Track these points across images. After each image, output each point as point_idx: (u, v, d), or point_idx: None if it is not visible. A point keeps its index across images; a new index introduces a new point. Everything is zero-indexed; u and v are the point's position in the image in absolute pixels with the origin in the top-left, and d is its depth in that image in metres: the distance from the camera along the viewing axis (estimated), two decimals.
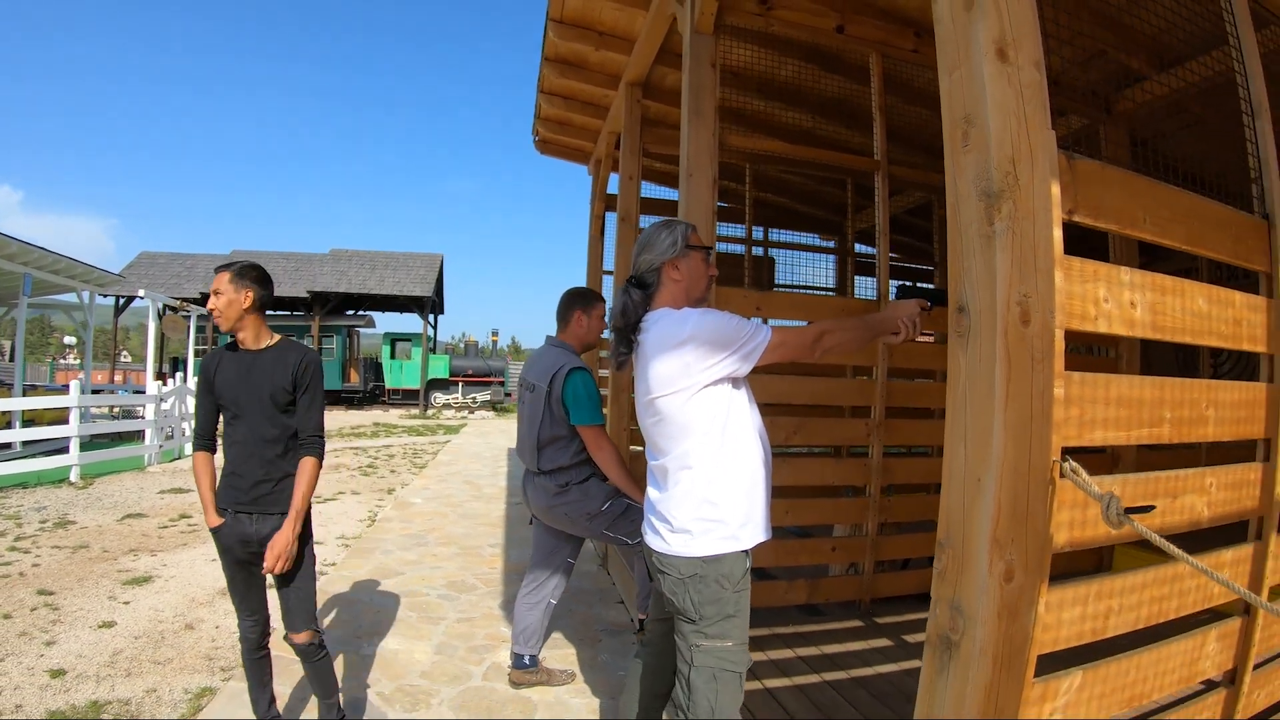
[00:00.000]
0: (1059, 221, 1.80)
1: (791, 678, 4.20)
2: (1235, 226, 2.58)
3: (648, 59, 6.59)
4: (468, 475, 13.42)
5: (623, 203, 7.68)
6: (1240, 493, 2.56)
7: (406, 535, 8.49)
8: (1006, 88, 1.76)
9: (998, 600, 1.73)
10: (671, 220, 2.85)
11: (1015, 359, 1.74)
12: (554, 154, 10.57)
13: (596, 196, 9.97)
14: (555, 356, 4.36)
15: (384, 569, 6.99)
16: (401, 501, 10.63)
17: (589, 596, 6.31)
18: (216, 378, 3.56)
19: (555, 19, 6.58)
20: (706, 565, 2.54)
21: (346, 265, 32.59)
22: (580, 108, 8.67)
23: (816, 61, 6.07)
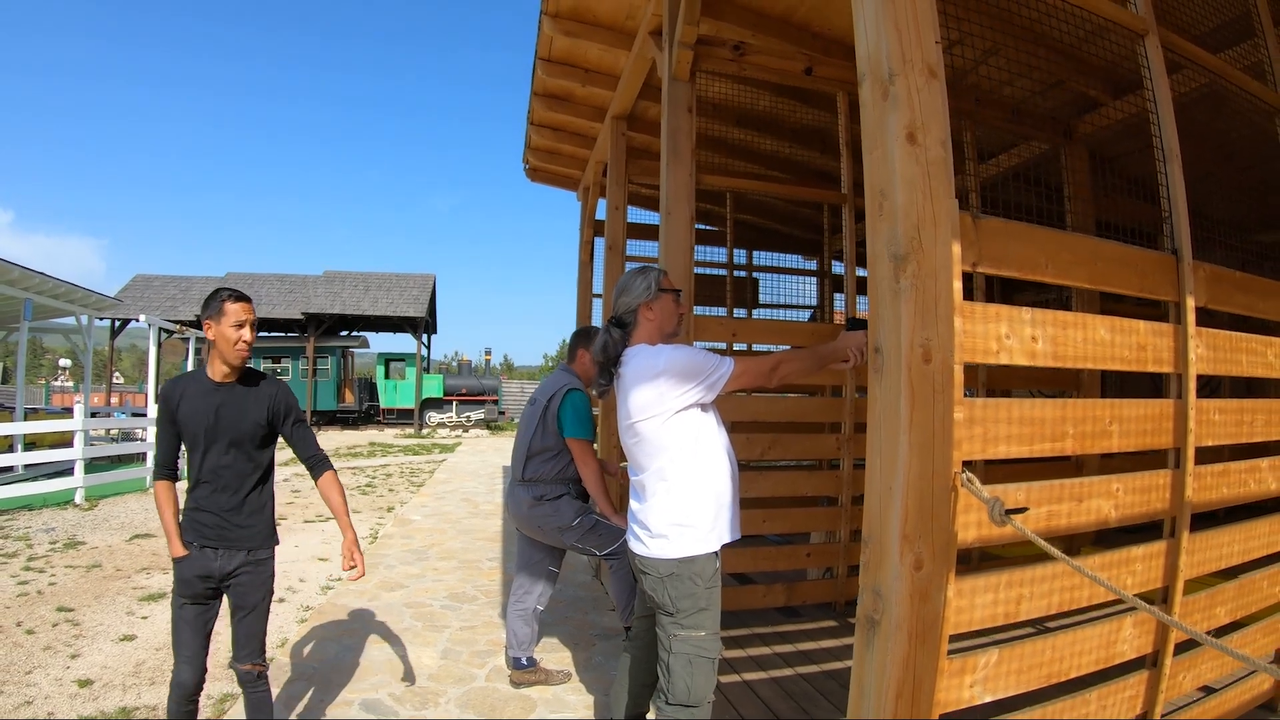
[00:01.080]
0: (959, 275, 2.18)
1: (768, 671, 4.56)
2: (1141, 263, 2.95)
3: (632, 94, 6.95)
4: (465, 493, 13.71)
5: (610, 231, 8.02)
6: (1150, 496, 2.93)
7: (408, 550, 8.78)
8: (914, 166, 2.13)
9: (909, 585, 2.09)
10: (646, 267, 3.28)
11: (918, 391, 2.10)
12: (543, 181, 10.90)
13: (585, 222, 10.30)
14: (561, 378, 4.80)
15: (388, 582, 7.29)
16: (401, 519, 10.92)
17: (584, 604, 6.65)
18: (181, 409, 3.41)
19: (544, 58, 6.94)
20: (681, 565, 2.93)
21: (340, 286, 32.73)
22: (568, 138, 9.02)
23: (791, 96, 6.44)
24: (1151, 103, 3.21)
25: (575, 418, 4.58)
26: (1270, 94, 3.92)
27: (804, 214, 9.87)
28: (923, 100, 2.17)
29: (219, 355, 3.43)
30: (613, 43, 6.31)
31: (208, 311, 3.42)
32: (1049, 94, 5.90)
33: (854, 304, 6.01)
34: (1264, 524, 3.61)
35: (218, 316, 3.39)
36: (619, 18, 6.04)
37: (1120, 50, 3.35)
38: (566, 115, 8.18)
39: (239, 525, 3.46)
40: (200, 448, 3.42)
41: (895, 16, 2.17)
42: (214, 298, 3.45)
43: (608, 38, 6.27)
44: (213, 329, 3.40)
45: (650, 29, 5.62)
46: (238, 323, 3.39)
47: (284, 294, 31.96)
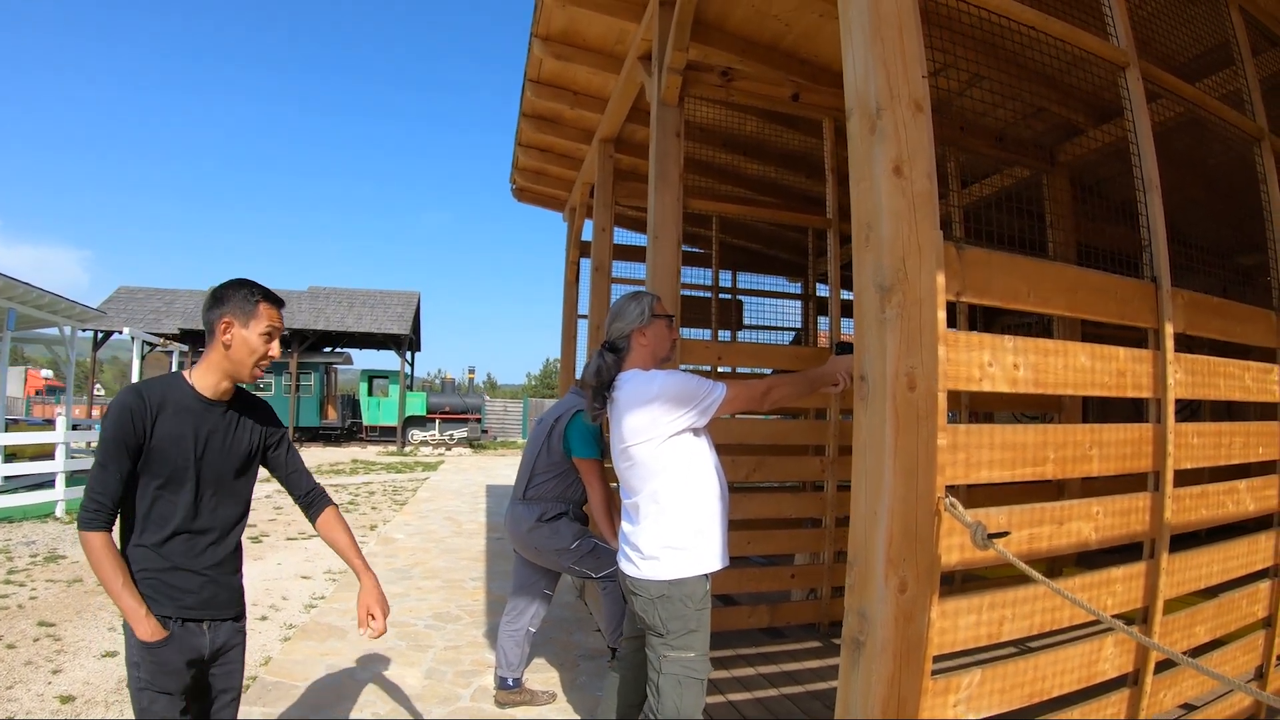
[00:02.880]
0: (943, 305, 2.24)
1: (753, 692, 4.59)
2: (1121, 291, 3.02)
3: (620, 117, 7.02)
4: (448, 512, 13.72)
5: (596, 253, 8.10)
6: (1130, 518, 2.99)
7: (392, 569, 8.78)
8: (900, 199, 2.19)
9: (894, 607, 2.14)
10: (639, 293, 3.34)
11: (903, 417, 2.15)
12: (530, 202, 10.95)
13: (572, 243, 10.37)
14: (571, 400, 4.77)
15: None
16: (385, 537, 10.92)
17: (569, 624, 6.67)
18: (157, 429, 2.57)
19: (533, 79, 7.00)
20: (672, 587, 2.98)
21: (324, 303, 32.68)
22: (556, 159, 9.09)
23: (777, 120, 6.53)
24: (1132, 133, 3.28)
25: (582, 438, 4.58)
26: (1248, 123, 3.99)
27: (789, 237, 9.98)
28: (909, 134, 2.23)
29: (228, 367, 2.70)
30: (602, 66, 6.38)
31: (229, 308, 2.69)
32: (1032, 121, 6.00)
33: (838, 327, 6.09)
34: (1242, 544, 3.68)
35: (245, 318, 2.69)
36: (609, 42, 6.12)
37: (1102, 78, 3.42)
38: (554, 137, 8.24)
39: (230, 586, 2.80)
40: (183, 484, 2.63)
41: (883, 53, 2.24)
42: (240, 292, 2.73)
43: (597, 61, 6.33)
44: (232, 332, 2.67)
45: (639, 54, 5.69)
46: (268, 331, 2.74)
47: None
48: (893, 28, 2.27)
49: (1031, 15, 2.90)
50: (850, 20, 2.36)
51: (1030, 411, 7.22)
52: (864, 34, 2.28)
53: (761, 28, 5.44)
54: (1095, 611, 2.06)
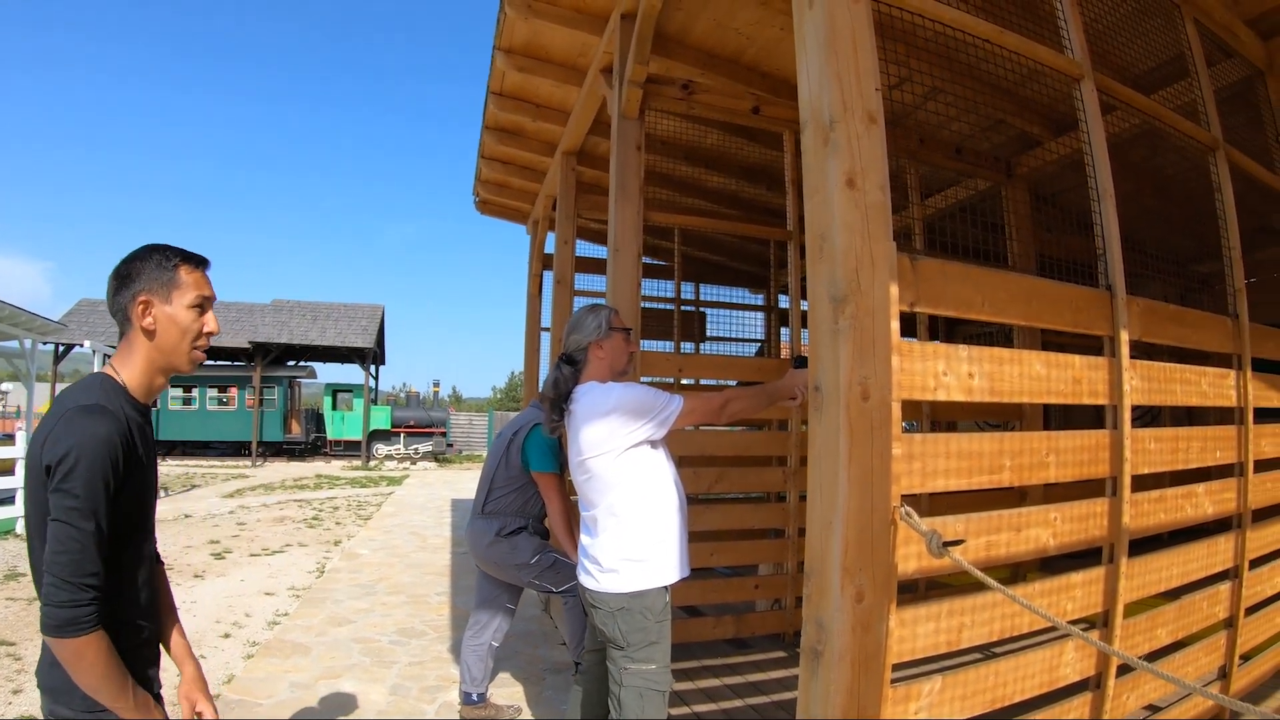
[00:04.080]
0: (896, 316, 2.26)
1: (718, 703, 4.58)
2: (1075, 299, 3.05)
3: (582, 130, 7.03)
4: (412, 526, 13.63)
5: (558, 266, 8.10)
6: (1088, 524, 3.02)
7: (356, 585, 8.72)
8: (853, 210, 2.21)
9: (851, 616, 2.14)
10: (597, 305, 3.35)
11: (856, 427, 2.16)
12: (493, 214, 10.96)
13: (534, 256, 10.37)
14: (530, 414, 4.76)
15: (336, 617, 7.22)
16: (349, 552, 10.82)
17: (534, 638, 6.65)
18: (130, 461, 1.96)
19: (495, 92, 7.00)
20: (632, 599, 2.98)
21: (288, 316, 32.26)
22: (518, 172, 9.09)
23: (738, 133, 6.57)
24: (1087, 144, 3.33)
25: (539, 452, 4.57)
26: (1203, 133, 4.07)
27: (752, 249, 10.02)
28: (862, 146, 2.25)
29: (159, 359, 2.11)
30: (564, 79, 6.39)
31: (141, 283, 2.07)
32: (990, 133, 6.06)
33: (799, 338, 6.11)
34: (1202, 546, 3.72)
35: (166, 290, 2.08)
36: (571, 55, 6.14)
37: (1059, 90, 3.46)
38: (517, 149, 8.24)
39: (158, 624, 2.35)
40: (145, 524, 2.15)
41: (837, 66, 2.25)
42: (151, 260, 2.10)
43: (560, 74, 6.35)
44: (153, 312, 2.07)
45: (601, 66, 5.72)
46: (198, 302, 2.13)
47: (231, 322, 31.34)
48: (847, 41, 2.29)
49: (987, 29, 2.94)
50: (805, 34, 2.38)
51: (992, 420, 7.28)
52: (818, 47, 2.30)
53: (723, 41, 5.47)
54: (1050, 618, 2.08)
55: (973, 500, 4.45)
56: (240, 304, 33.14)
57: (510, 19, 5.49)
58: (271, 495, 17.85)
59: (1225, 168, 4.15)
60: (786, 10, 4.86)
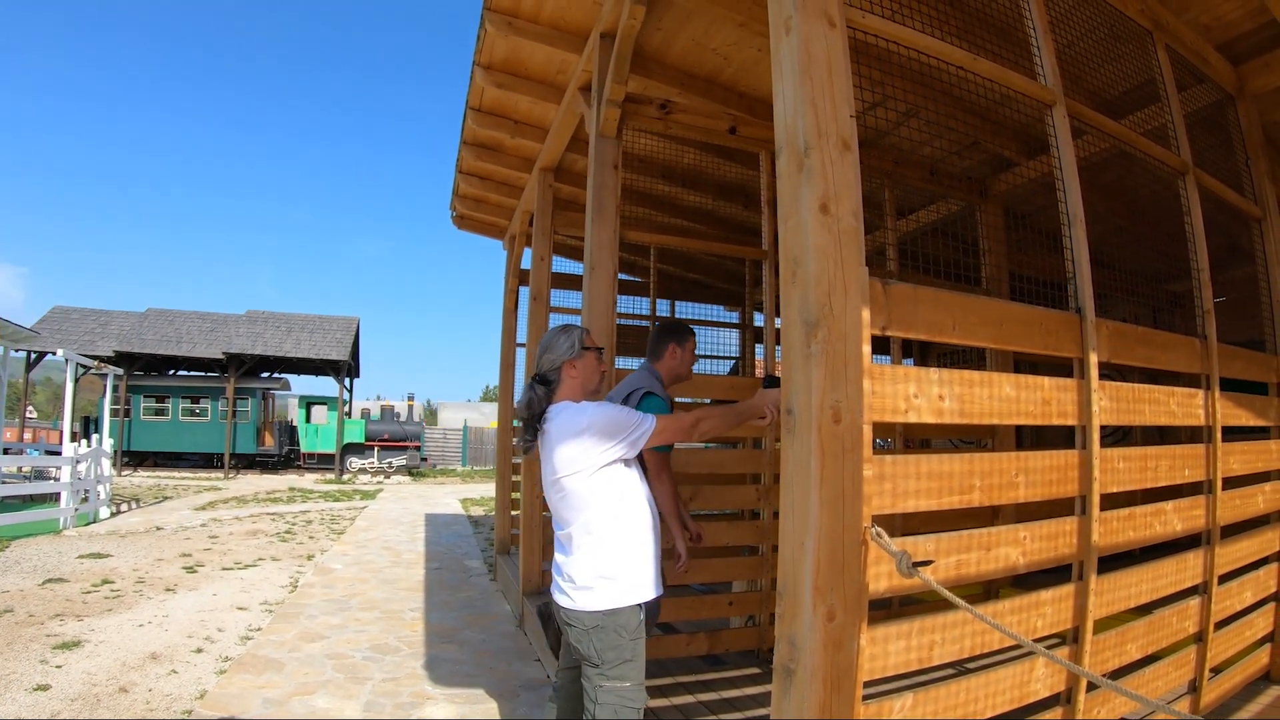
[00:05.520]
0: (868, 340, 2.30)
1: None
2: (1045, 322, 3.12)
3: (560, 147, 7.08)
4: (386, 541, 13.54)
5: (535, 282, 8.14)
6: (1057, 542, 3.07)
7: (329, 600, 8.65)
8: (826, 235, 2.25)
9: (823, 635, 2.18)
10: (569, 326, 3.38)
11: (828, 450, 2.20)
12: (471, 229, 10.97)
13: (511, 271, 10.39)
14: (639, 378, 4.25)
15: (309, 633, 7.18)
16: (322, 567, 10.74)
17: (507, 654, 6.64)
18: None
19: (474, 108, 7.04)
20: (606, 617, 3.00)
21: (262, 327, 31.97)
22: (496, 187, 9.13)
23: (715, 152, 6.62)
24: (1058, 169, 3.39)
25: None
26: (1173, 157, 4.15)
27: (728, 266, 10.10)
28: (836, 173, 2.29)
29: None
30: (543, 96, 6.43)
31: None
32: (965, 154, 6.14)
33: (774, 357, 6.13)
34: (1171, 563, 3.78)
35: None
36: (550, 72, 6.18)
37: (1033, 113, 3.52)
38: (495, 165, 8.29)
39: None
40: None
41: (812, 92, 2.30)
42: None
43: (538, 91, 6.39)
44: None
45: (580, 84, 5.76)
46: None
47: (205, 332, 31.18)
48: (822, 68, 2.33)
49: (960, 56, 2.99)
50: (781, 60, 2.42)
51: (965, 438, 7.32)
52: (794, 74, 2.34)
53: (701, 61, 5.53)
54: (1016, 636, 2.12)
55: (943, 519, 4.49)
56: (214, 314, 32.94)
57: (490, 35, 5.52)
58: (244, 508, 17.69)
59: (1195, 191, 4.23)
60: (764, 32, 4.92)
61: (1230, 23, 4.60)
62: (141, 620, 7.38)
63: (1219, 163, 4.72)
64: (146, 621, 7.34)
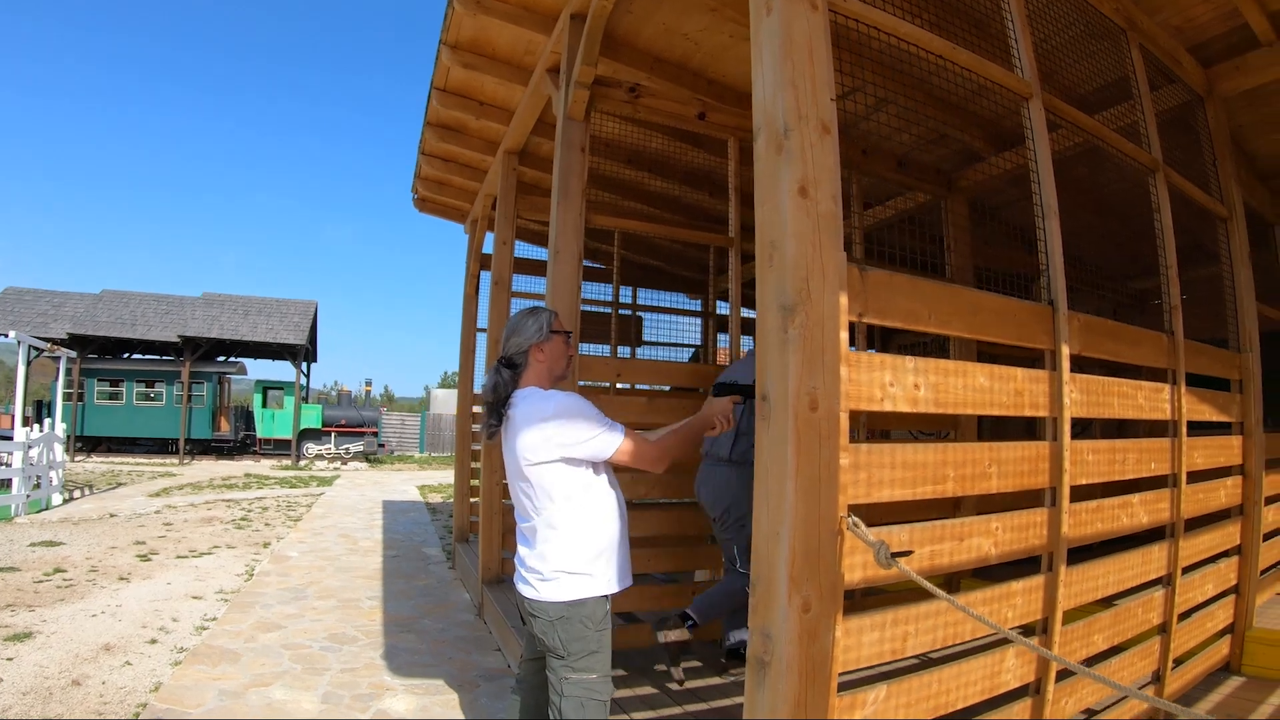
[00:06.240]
0: (845, 326, 2.26)
1: (658, 710, 4.51)
2: (1019, 314, 3.10)
3: (525, 130, 7.01)
4: (342, 529, 13.35)
5: (497, 266, 8.06)
6: (1028, 533, 3.07)
7: (285, 589, 8.50)
8: (805, 219, 2.20)
9: (798, 626, 2.14)
10: (537, 308, 3.28)
11: (804, 438, 2.16)
12: (432, 212, 10.84)
13: (472, 256, 10.28)
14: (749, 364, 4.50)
15: (266, 623, 7.05)
16: (278, 555, 10.57)
17: (466, 644, 6.56)
18: None
19: (439, 87, 6.91)
20: (571, 608, 2.93)
21: (219, 310, 31.20)
22: (459, 170, 9.02)
23: (682, 138, 6.57)
24: (1033, 162, 3.37)
25: None
26: (1144, 154, 4.16)
27: (690, 254, 10.08)
28: (815, 156, 2.24)
29: None
30: (509, 77, 6.34)
31: None
32: (934, 146, 6.13)
33: (739, 344, 6.08)
34: (1136, 555, 3.81)
35: None
36: (517, 53, 6.09)
37: (1003, 106, 3.49)
38: (458, 147, 8.16)
39: None
40: None
41: (793, 74, 2.25)
42: None
43: (505, 72, 6.29)
44: None
45: (548, 66, 5.68)
46: None
47: (160, 315, 30.46)
48: (803, 50, 2.28)
49: (940, 45, 2.96)
50: (761, 41, 2.37)
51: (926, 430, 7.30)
52: (774, 55, 2.28)
53: (671, 46, 5.47)
54: (995, 626, 2.09)
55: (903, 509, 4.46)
56: (170, 296, 32.17)
57: (458, 14, 5.42)
58: (199, 495, 17.42)
59: (1164, 189, 4.25)
60: (735, 18, 4.90)
61: (1201, 25, 4.64)
62: (95, 610, 7.21)
63: (1187, 162, 4.75)
64: (100, 611, 7.17)
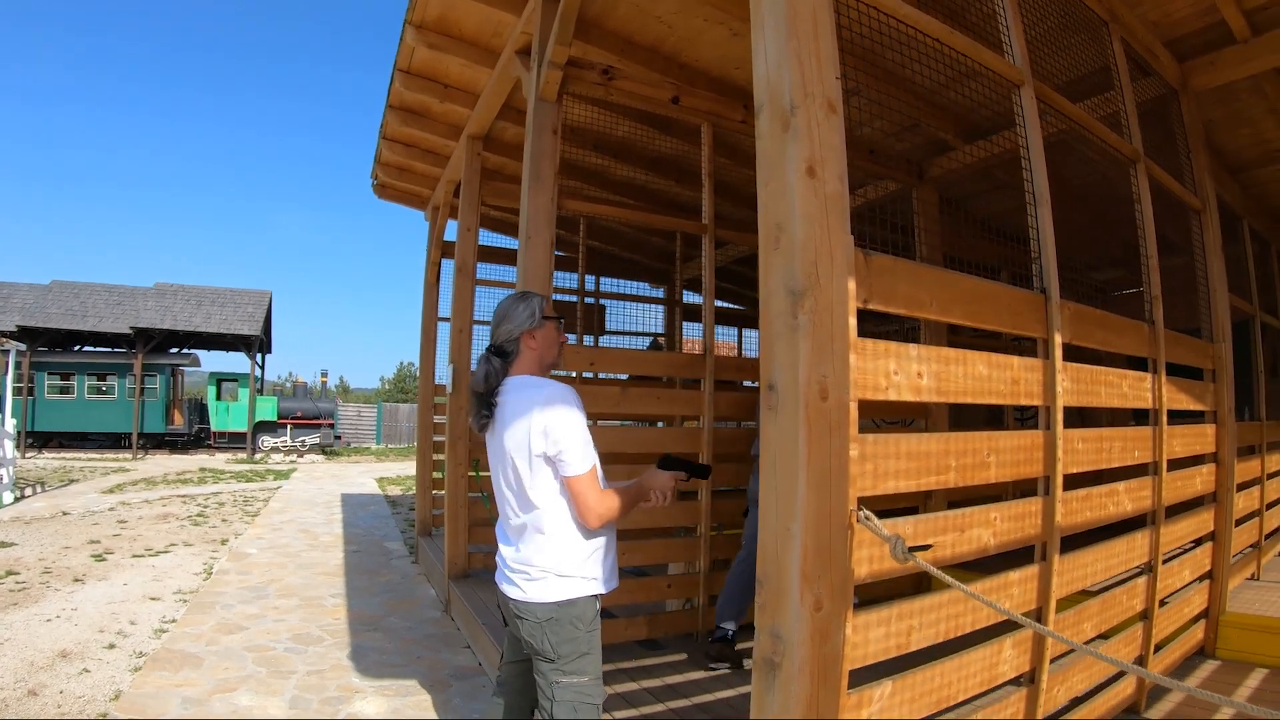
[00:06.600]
0: (854, 311, 2.18)
1: (638, 709, 4.41)
2: (1013, 301, 3.06)
3: (491, 114, 6.89)
4: (302, 523, 13.06)
5: (460, 253, 7.91)
6: (1024, 523, 3.04)
7: (246, 588, 8.27)
8: (813, 200, 2.11)
9: (810, 626, 2.05)
10: (526, 293, 3.11)
11: (815, 428, 2.07)
12: (392, 199, 10.62)
13: (433, 243, 10.13)
14: None
15: (227, 624, 6.84)
16: (237, 552, 10.29)
17: (434, 641, 6.43)
18: None
19: (403, 69, 6.75)
20: (561, 609, 2.80)
21: (172, 300, 30.34)
22: (421, 155, 8.84)
23: (650, 123, 6.47)
24: (1024, 150, 3.33)
25: None
26: (1126, 145, 4.17)
27: (655, 242, 10.04)
28: (822, 135, 2.15)
29: None
30: (476, 59, 6.20)
31: None
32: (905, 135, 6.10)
33: (712, 332, 5.96)
34: (1121, 543, 3.83)
35: None
36: (485, 34, 5.95)
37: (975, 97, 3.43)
38: (421, 131, 7.99)
39: None
40: None
41: (798, 49, 2.15)
42: None
43: (471, 54, 6.16)
44: None
45: (517, 47, 5.56)
46: None
47: (111, 306, 29.51)
48: (808, 23, 2.18)
49: (939, 28, 2.88)
50: (763, 14, 2.26)
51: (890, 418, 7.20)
52: (778, 25, 2.18)
53: (643, 28, 5.37)
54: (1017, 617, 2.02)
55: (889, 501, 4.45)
56: (121, 287, 31.19)
57: None
58: (154, 490, 17.02)
59: (1145, 180, 4.27)
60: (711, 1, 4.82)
61: (1178, 21, 4.70)
62: (49, 614, 6.96)
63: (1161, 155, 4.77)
64: (55, 616, 6.93)
